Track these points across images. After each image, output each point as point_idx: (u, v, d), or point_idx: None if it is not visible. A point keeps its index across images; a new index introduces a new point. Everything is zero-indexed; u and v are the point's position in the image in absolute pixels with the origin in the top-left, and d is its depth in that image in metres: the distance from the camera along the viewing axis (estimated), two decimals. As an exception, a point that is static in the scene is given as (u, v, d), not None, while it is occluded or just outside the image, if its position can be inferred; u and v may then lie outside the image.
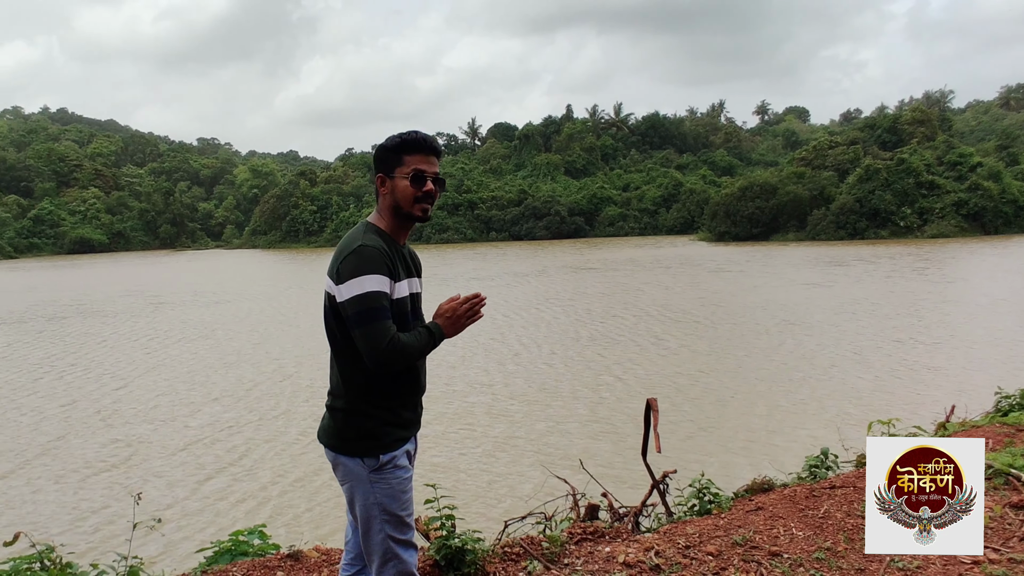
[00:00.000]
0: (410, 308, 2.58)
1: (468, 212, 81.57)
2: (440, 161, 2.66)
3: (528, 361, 16.13)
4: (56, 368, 17.11)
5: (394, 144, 2.58)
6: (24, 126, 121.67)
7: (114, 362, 17.65)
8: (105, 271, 54.39)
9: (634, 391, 13.11)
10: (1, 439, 11.61)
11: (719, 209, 64.47)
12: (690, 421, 11.27)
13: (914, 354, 15.23)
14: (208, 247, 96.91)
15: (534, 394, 13.32)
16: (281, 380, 14.97)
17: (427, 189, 2.55)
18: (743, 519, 4.02)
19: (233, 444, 10.99)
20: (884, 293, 24.46)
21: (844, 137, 72.99)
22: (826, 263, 37.47)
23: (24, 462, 10.43)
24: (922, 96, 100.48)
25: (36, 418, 12.78)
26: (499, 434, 11.05)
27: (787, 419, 11.17)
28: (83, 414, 12.97)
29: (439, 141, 2.61)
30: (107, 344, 20.24)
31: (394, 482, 2.54)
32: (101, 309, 28.48)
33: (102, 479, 9.66)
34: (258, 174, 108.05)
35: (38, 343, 20.72)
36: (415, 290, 2.65)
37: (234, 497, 8.91)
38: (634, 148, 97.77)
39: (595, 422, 11.47)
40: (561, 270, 39.90)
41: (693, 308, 22.86)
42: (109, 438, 11.50)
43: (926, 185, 57.56)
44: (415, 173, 2.54)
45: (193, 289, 36.76)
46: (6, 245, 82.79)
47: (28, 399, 14.17)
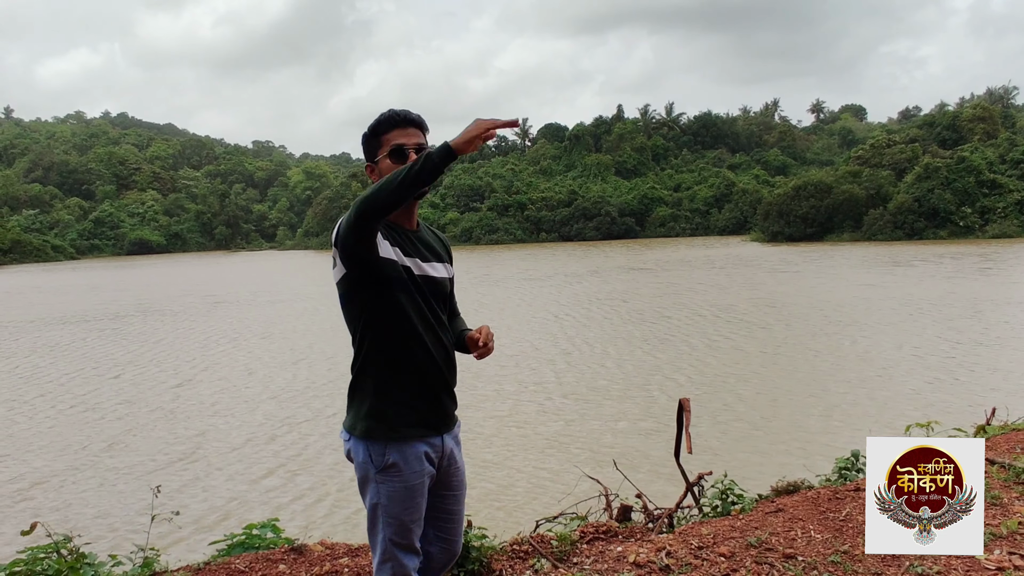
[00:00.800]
0: (434, 289, 2.49)
1: (518, 213, 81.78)
2: (426, 132, 2.54)
3: (580, 360, 16.07)
4: (120, 364, 17.55)
5: (370, 129, 2.52)
6: (86, 130, 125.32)
7: (175, 359, 18.03)
8: (164, 271, 55.69)
9: (687, 391, 12.97)
10: (68, 433, 11.93)
11: (772, 209, 63.61)
12: (743, 421, 11.12)
13: (974, 356, 14.82)
14: (262, 248, 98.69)
15: (585, 393, 13.26)
16: (336, 379, 15.13)
17: (411, 161, 2.35)
18: (761, 520, 3.92)
19: (291, 440, 11.14)
20: (945, 293, 23.86)
21: (902, 135, 71.48)
22: (886, 263, 36.70)
23: (91, 456, 10.70)
24: (984, 92, 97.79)
25: (101, 413, 13.11)
26: (546, 432, 11.02)
27: (843, 421, 10.95)
28: (146, 409, 13.27)
29: (418, 114, 2.54)
30: (167, 342, 20.70)
31: (399, 486, 2.41)
32: (162, 308, 29.14)
33: (165, 473, 9.86)
34: (311, 176, 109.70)
35: (102, 341, 21.27)
36: (439, 274, 2.54)
37: (292, 493, 9.02)
38: (686, 148, 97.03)
39: (646, 420, 11.39)
40: (614, 270, 39.71)
41: (749, 308, 22.56)
42: (172, 433, 11.75)
43: (988, 184, 56.10)
44: (394, 148, 2.46)
45: (250, 289, 37.42)
46: (68, 246, 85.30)
47: (93, 395, 14.55)
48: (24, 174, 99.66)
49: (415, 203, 2.51)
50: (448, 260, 2.65)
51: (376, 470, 2.41)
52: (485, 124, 2.18)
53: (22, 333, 23.26)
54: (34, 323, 25.71)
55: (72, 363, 17.96)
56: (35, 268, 67.44)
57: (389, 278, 2.38)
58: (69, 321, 25.86)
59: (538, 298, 27.63)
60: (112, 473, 9.92)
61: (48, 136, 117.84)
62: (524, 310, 24.25)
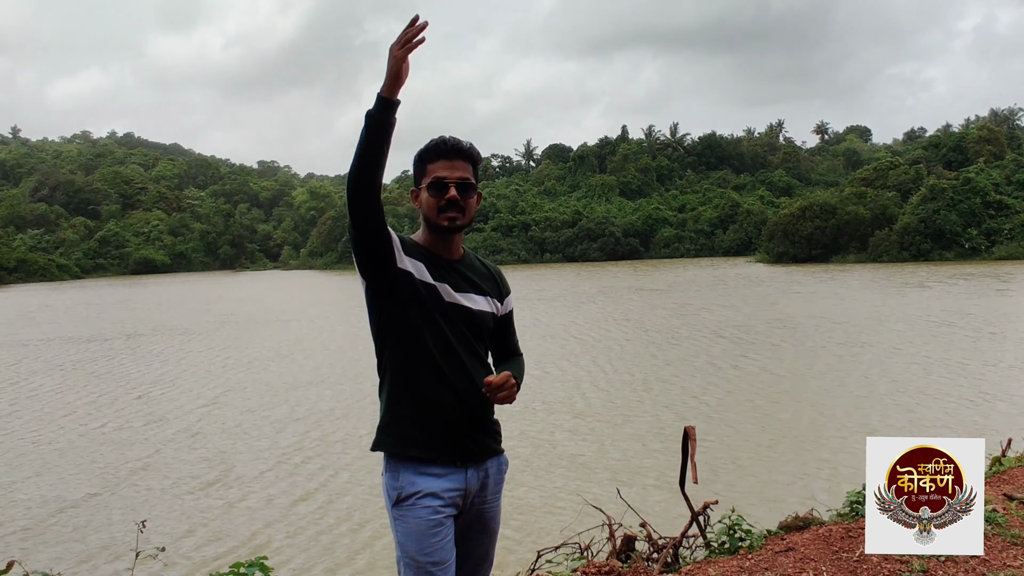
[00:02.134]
0: (467, 320, 2.43)
1: (522, 233, 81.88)
2: (475, 165, 2.47)
3: (604, 383, 16.02)
4: (142, 384, 17.49)
5: (418, 154, 2.47)
6: (92, 150, 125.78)
7: (195, 380, 17.98)
8: (172, 290, 55.68)
9: (706, 413, 12.92)
10: (92, 456, 11.87)
11: (777, 230, 63.68)
12: (763, 447, 11.05)
13: (995, 380, 14.74)
14: (266, 268, 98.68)
15: (607, 416, 13.20)
16: (361, 399, 15.07)
17: (449, 197, 2.38)
18: (771, 560, 3.79)
19: (322, 464, 11.07)
20: (965, 314, 23.82)
21: (908, 156, 71.70)
22: (899, 284, 36.68)
23: (118, 480, 10.63)
24: (988, 114, 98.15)
25: (126, 434, 13.05)
26: (554, 455, 10.94)
27: (860, 445, 10.86)
28: (170, 431, 13.20)
29: (469, 143, 2.47)
30: (186, 362, 20.64)
31: (414, 522, 2.31)
32: (176, 327, 29.10)
33: (193, 499, 9.79)
34: (316, 196, 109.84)
35: (119, 361, 21.22)
36: (477, 306, 2.46)
37: (329, 519, 8.93)
38: (690, 169, 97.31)
39: (656, 443, 11.30)
40: (625, 291, 39.68)
41: (769, 330, 22.52)
42: (199, 456, 11.68)
43: (994, 205, 56.20)
44: (433, 180, 2.40)
45: (261, 308, 37.40)
46: (73, 265, 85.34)
47: (115, 416, 14.49)
48: (31, 193, 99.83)
49: (457, 235, 2.48)
50: (494, 294, 2.56)
51: (391, 503, 2.38)
52: (393, 48, 2.19)
53: (39, 352, 23.22)
54: (51, 341, 25.68)
55: (92, 383, 17.90)
56: (41, 287, 67.41)
57: (405, 293, 2.37)
58: (83, 340, 25.81)
59: (555, 318, 27.59)
60: (144, 493, 9.86)
61: (55, 156, 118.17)
62: (539, 330, 24.20)
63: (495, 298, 2.56)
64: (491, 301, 2.53)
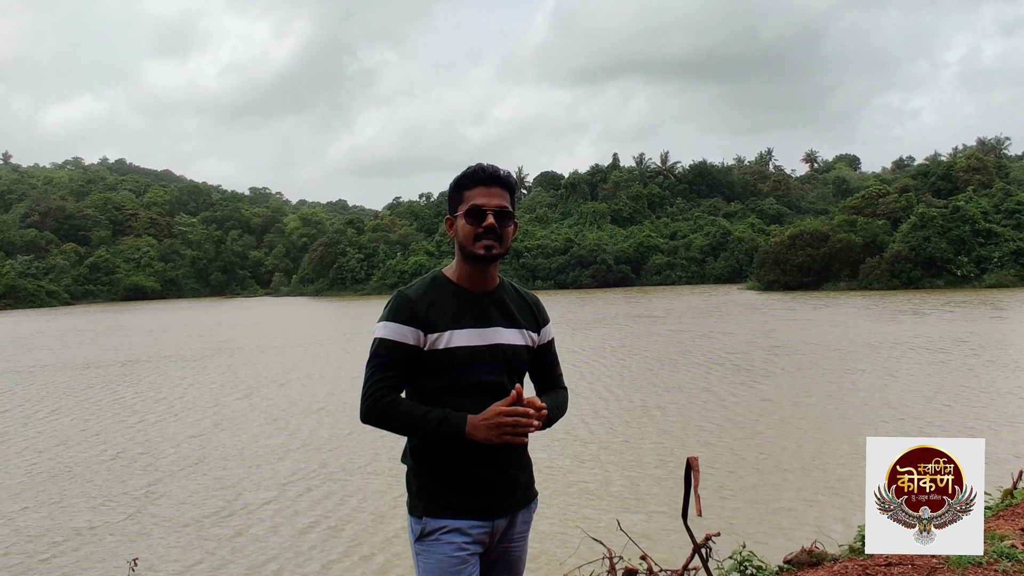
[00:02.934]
0: (489, 359, 2.35)
1: (514, 260, 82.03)
2: (512, 194, 2.42)
3: (604, 410, 15.98)
4: (137, 412, 17.35)
5: (455, 181, 2.41)
6: (84, 176, 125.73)
7: (194, 407, 17.85)
8: (164, 316, 55.42)
9: (709, 441, 12.89)
10: (88, 487, 11.74)
11: (768, 257, 63.98)
12: (765, 474, 11.03)
13: (998, 406, 14.79)
14: (257, 294, 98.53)
15: (609, 443, 13.16)
16: (362, 429, 14.96)
17: (487, 224, 2.32)
18: None
19: (328, 491, 10.98)
20: (961, 341, 23.91)
21: (897, 185, 72.31)
22: (893, 311, 36.85)
23: (133, 511, 10.51)
24: (976, 143, 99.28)
25: (122, 463, 12.92)
26: (555, 484, 10.89)
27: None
28: (173, 458, 13.08)
29: (507, 172, 2.44)
30: (182, 388, 20.50)
31: (438, 557, 2.27)
32: (171, 354, 28.94)
33: (194, 529, 9.69)
34: (307, 222, 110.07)
35: (115, 388, 21.06)
36: (502, 340, 2.38)
37: (339, 550, 8.85)
38: (681, 196, 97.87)
39: (658, 470, 11.26)
40: (623, 318, 39.73)
41: (766, 357, 22.56)
42: (202, 485, 11.57)
43: (983, 233, 56.66)
44: (472, 208, 2.34)
45: (256, 335, 37.25)
46: (63, 292, 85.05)
47: (111, 445, 14.35)
48: (21, 219, 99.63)
49: (493, 265, 2.41)
50: (529, 325, 2.50)
51: (415, 538, 2.35)
52: (494, 435, 2.22)
53: (33, 378, 23.04)
54: (45, 368, 25.49)
55: (88, 410, 17.75)
56: (31, 313, 67.05)
57: (435, 364, 2.34)
58: (78, 367, 25.63)
59: (581, 343, 27.54)
60: (144, 523, 9.74)
61: (46, 182, 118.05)
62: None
63: (531, 329, 2.49)
64: (526, 333, 2.47)
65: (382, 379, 2.27)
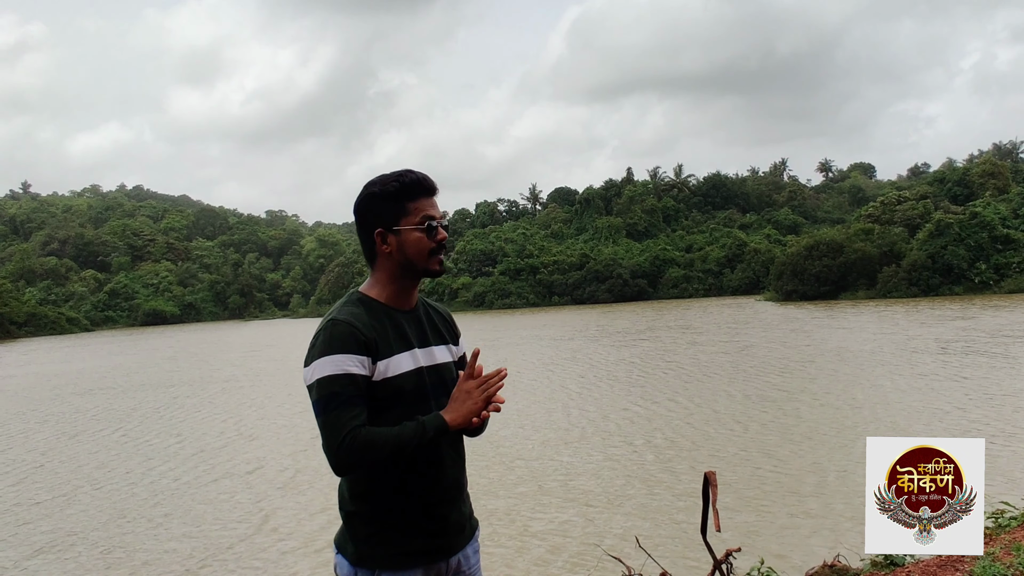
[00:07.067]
0: (428, 382, 2.15)
1: (530, 277, 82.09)
2: None
3: (626, 425, 15.94)
4: (173, 434, 17.47)
5: (393, 190, 2.14)
6: (102, 203, 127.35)
7: (239, 432, 17.96)
8: (187, 340, 55.80)
9: (729, 455, 12.83)
10: (128, 508, 11.82)
11: (785, 268, 63.72)
12: (784, 487, 10.96)
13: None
14: (275, 317, 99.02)
15: (630, 456, 13.12)
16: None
17: (441, 239, 2.17)
18: None
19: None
20: (995, 344, 23.70)
21: (913, 192, 71.97)
22: (923, 318, 36.55)
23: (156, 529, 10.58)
24: (991, 148, 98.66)
25: (155, 487, 13.02)
26: (568, 495, 10.86)
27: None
28: (226, 486, 13.16)
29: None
30: (227, 410, 20.63)
31: None
32: (207, 377, 29.12)
33: (235, 553, 9.74)
34: (324, 244, 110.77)
35: (149, 411, 21.22)
36: (437, 360, 2.22)
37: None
38: (696, 209, 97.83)
39: (679, 486, 11.20)
40: (658, 330, 39.66)
41: (795, 367, 22.43)
42: (244, 511, 11.63)
43: (1001, 239, 56.23)
44: (427, 221, 2.15)
45: (275, 357, 37.42)
46: (83, 318, 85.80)
47: (151, 466, 14.46)
48: (40, 247, 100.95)
49: (419, 282, 2.25)
50: (452, 340, 2.35)
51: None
52: (478, 407, 2.08)
53: (78, 401, 23.26)
54: (90, 391, 25.75)
55: (116, 436, 17.90)
56: (52, 340, 67.64)
57: (384, 395, 2.11)
58: (99, 389, 25.86)
59: (592, 357, 27.55)
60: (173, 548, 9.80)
61: (65, 210, 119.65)
62: (565, 370, 24.16)
63: (454, 343, 2.35)
64: (452, 349, 2.33)
65: (349, 419, 1.97)
